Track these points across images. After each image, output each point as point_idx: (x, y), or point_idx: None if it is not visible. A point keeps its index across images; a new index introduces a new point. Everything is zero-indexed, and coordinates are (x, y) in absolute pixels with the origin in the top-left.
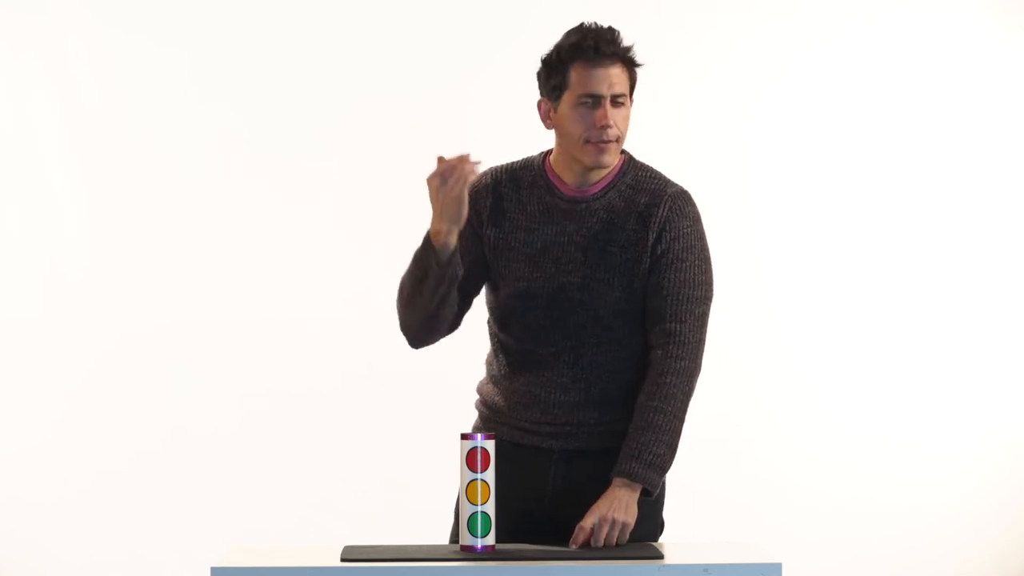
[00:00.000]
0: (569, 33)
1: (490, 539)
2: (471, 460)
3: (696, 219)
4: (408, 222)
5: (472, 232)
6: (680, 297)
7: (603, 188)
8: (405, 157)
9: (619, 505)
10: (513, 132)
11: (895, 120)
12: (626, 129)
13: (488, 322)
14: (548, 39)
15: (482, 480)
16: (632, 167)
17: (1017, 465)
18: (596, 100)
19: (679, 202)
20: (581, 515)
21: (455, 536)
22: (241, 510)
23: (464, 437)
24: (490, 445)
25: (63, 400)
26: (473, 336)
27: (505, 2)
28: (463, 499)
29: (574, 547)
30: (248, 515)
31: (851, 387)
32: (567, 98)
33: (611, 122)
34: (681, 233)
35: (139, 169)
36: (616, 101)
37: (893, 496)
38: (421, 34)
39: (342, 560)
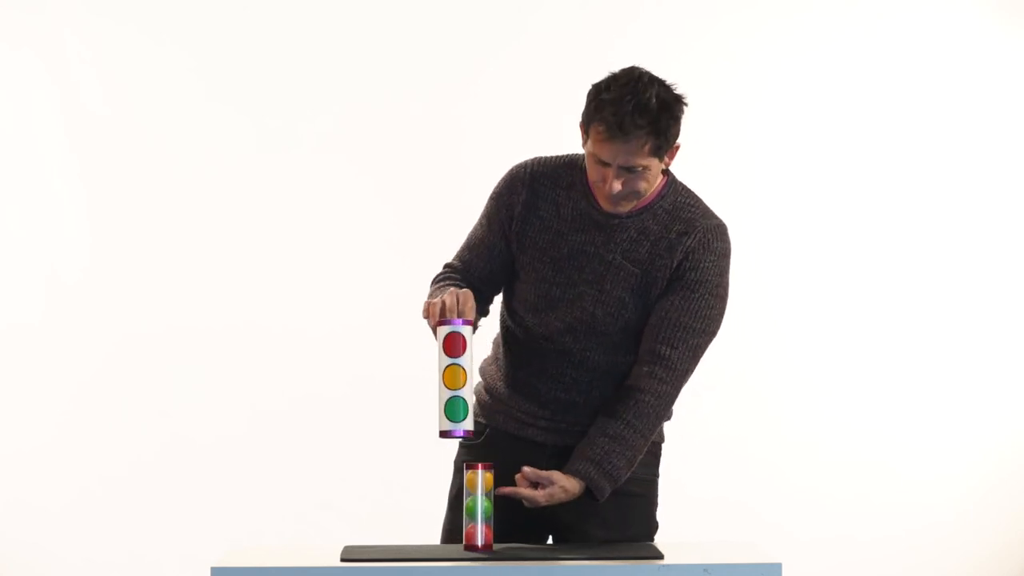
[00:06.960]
0: (608, 85)
1: (468, 423)
2: (449, 345)
3: (722, 255)
4: (409, 225)
5: (500, 229)
6: (678, 324)
7: (639, 208)
8: (408, 161)
9: (560, 491)
10: (513, 132)
11: (895, 121)
12: (646, 185)
13: (501, 308)
14: (547, 39)
15: (460, 365)
16: (673, 191)
17: (1017, 465)
18: (605, 163)
19: (710, 236)
20: (575, 512)
21: (447, 536)
22: (241, 510)
23: (441, 324)
24: (467, 331)
25: (65, 402)
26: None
27: (505, 2)
28: (440, 385)
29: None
30: (248, 515)
31: (851, 387)
32: (587, 143)
33: (615, 188)
34: (700, 265)
35: (140, 170)
36: (629, 170)
37: (893, 496)
38: (421, 34)
39: (342, 560)
